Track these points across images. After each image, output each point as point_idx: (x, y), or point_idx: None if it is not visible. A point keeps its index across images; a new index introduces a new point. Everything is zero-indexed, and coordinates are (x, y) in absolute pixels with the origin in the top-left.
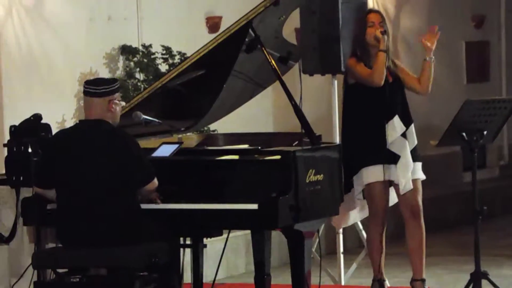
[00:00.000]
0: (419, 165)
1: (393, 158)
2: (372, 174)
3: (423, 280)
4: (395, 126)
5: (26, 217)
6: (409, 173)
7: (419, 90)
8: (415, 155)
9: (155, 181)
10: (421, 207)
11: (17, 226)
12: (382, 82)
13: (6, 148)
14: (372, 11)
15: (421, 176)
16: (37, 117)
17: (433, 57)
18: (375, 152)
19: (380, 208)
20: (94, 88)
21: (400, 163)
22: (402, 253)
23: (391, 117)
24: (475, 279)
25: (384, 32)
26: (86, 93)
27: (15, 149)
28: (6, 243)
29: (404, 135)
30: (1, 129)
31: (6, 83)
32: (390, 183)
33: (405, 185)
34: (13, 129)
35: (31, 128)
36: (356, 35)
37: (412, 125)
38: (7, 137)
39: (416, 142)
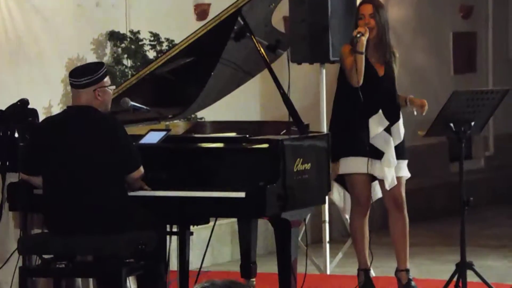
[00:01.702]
0: (404, 163)
1: (377, 154)
2: (353, 165)
3: (407, 270)
4: (378, 121)
5: (12, 203)
6: (393, 170)
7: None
8: (402, 152)
9: (141, 169)
10: (404, 199)
11: (2, 211)
12: (358, 84)
13: None
14: (364, 2)
15: (406, 174)
16: (24, 102)
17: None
18: (358, 143)
19: (363, 198)
20: (76, 80)
21: (384, 160)
22: (388, 243)
23: (375, 112)
24: (460, 269)
25: (362, 34)
26: (70, 84)
27: (1, 134)
28: None
29: (388, 131)
30: None
31: None
32: (373, 177)
33: (391, 181)
34: (0, 114)
35: (18, 113)
36: (354, 24)
37: (400, 121)
38: None
39: (402, 138)
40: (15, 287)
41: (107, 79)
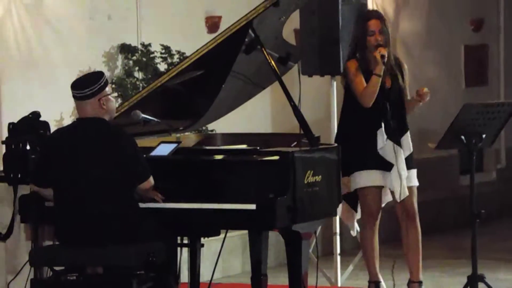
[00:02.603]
0: (414, 172)
1: (387, 166)
2: (366, 178)
3: (420, 282)
4: (383, 133)
5: (24, 215)
6: (404, 181)
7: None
8: (410, 162)
9: (151, 179)
10: (417, 210)
11: (14, 223)
12: (370, 105)
13: (4, 146)
14: (372, 17)
15: (416, 183)
16: (35, 115)
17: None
18: (370, 157)
19: (374, 212)
20: (80, 92)
21: (393, 171)
22: (398, 255)
23: (381, 125)
24: (472, 282)
25: (384, 57)
26: (74, 97)
27: (13, 147)
28: (3, 241)
29: (398, 142)
30: None
31: (5, 81)
32: (382, 187)
33: (401, 193)
34: (12, 127)
35: (30, 126)
36: (356, 38)
37: (408, 132)
38: (5, 134)
39: (411, 149)
40: None
41: (108, 88)
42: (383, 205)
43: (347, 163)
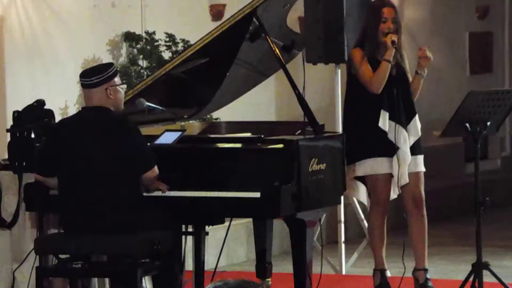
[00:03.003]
0: (421, 158)
1: (393, 150)
2: (376, 165)
3: (425, 270)
4: (385, 115)
5: (29, 203)
6: (406, 166)
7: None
8: (418, 148)
9: (155, 169)
10: (424, 198)
11: (19, 211)
12: (379, 91)
13: (9, 134)
14: (386, 5)
15: (422, 169)
16: (40, 103)
17: (424, 73)
18: (378, 143)
19: (383, 199)
20: (88, 79)
21: (398, 156)
22: (403, 243)
23: (387, 110)
24: (476, 269)
25: (394, 43)
26: (82, 85)
27: (18, 135)
28: (9, 228)
29: (406, 128)
30: (4, 114)
31: (10, 69)
32: (391, 175)
33: (401, 178)
34: (16, 115)
35: (34, 114)
36: (367, 26)
37: (416, 117)
38: (10, 122)
39: (420, 134)
40: (32, 287)
41: (117, 79)
42: (392, 197)
43: (355, 150)
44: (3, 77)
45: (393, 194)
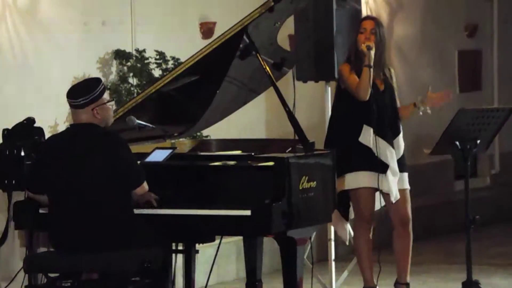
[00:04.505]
0: (406, 175)
1: (382, 168)
2: (360, 180)
3: (407, 284)
4: (368, 129)
5: (18, 221)
6: (396, 183)
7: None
8: (402, 165)
9: (145, 185)
10: (410, 217)
11: (8, 229)
12: (367, 97)
13: None
14: (367, 17)
15: (407, 186)
16: (30, 121)
17: (428, 110)
18: (363, 158)
19: (366, 213)
20: (74, 101)
21: (389, 173)
22: (394, 260)
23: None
24: (466, 287)
25: (370, 48)
26: (69, 104)
27: (7, 153)
28: None
29: (391, 144)
30: None
31: (0, 87)
32: (376, 190)
33: (395, 194)
34: (6, 133)
35: (24, 132)
36: (352, 41)
37: (400, 135)
38: None
39: (402, 152)
40: None
41: (105, 96)
42: (375, 209)
43: (340, 164)
44: None
45: (378, 204)
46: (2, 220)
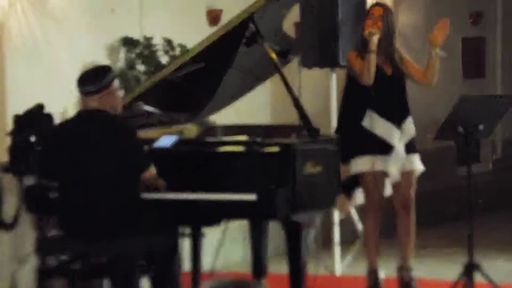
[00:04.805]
0: (415, 156)
1: (386, 149)
2: (366, 164)
3: (409, 269)
4: (371, 113)
5: (29, 205)
6: (399, 164)
7: (423, 82)
8: (412, 147)
9: (152, 170)
10: (413, 201)
11: (20, 213)
12: (371, 82)
13: (9, 137)
14: (376, 4)
15: (419, 167)
16: (39, 107)
17: (440, 51)
18: (370, 142)
19: (374, 198)
20: (83, 88)
21: (393, 154)
22: (396, 244)
23: (384, 110)
24: (467, 270)
25: (372, 34)
26: (78, 91)
27: (18, 139)
28: (9, 230)
29: (398, 127)
30: (5, 118)
31: (10, 74)
32: (385, 173)
33: (395, 176)
34: (17, 119)
35: (34, 118)
36: (360, 28)
37: (409, 118)
38: (10, 126)
39: (413, 134)
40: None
41: (115, 84)
42: (387, 194)
43: (346, 149)
44: (4, 81)
45: (389, 190)
46: (13, 204)
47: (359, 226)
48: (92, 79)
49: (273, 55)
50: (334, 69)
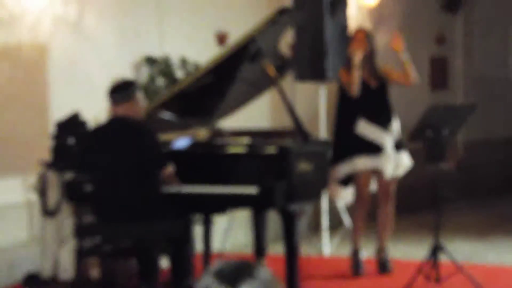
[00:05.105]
0: (404, 153)
1: (378, 149)
2: (358, 164)
3: (385, 252)
4: (362, 121)
5: (68, 196)
6: (391, 163)
7: (408, 83)
8: (399, 144)
9: (170, 167)
10: (393, 195)
11: (61, 203)
12: (356, 93)
13: (52, 140)
14: (359, 30)
15: (407, 163)
16: (76, 115)
17: (405, 55)
18: (360, 145)
19: (365, 192)
20: (112, 98)
21: (384, 154)
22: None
23: (367, 117)
24: (434, 251)
25: (356, 52)
26: (109, 100)
27: (59, 141)
28: (53, 217)
29: (386, 129)
30: (48, 124)
31: (53, 87)
32: (373, 171)
33: (390, 172)
34: (58, 125)
35: (72, 124)
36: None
37: (395, 120)
38: (53, 131)
39: (399, 135)
40: (71, 265)
41: (138, 95)
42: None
43: (341, 151)
44: (47, 93)
45: (374, 186)
46: (56, 195)
47: (344, 216)
48: (120, 91)
49: (272, 70)
50: (323, 82)
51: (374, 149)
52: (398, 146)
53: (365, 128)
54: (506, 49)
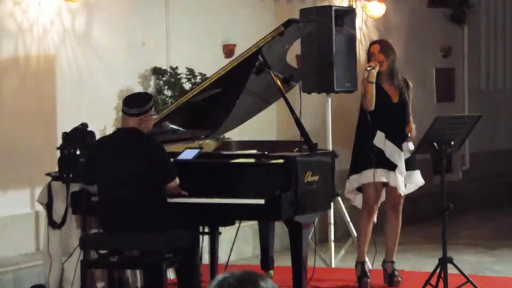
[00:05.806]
0: (416, 172)
1: (392, 165)
2: (369, 176)
3: (393, 262)
4: (381, 135)
5: (75, 207)
6: (403, 180)
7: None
8: (413, 163)
9: (177, 180)
10: (401, 206)
11: (67, 214)
12: (371, 108)
13: (59, 151)
14: (372, 42)
15: (421, 181)
16: (84, 126)
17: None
18: (377, 157)
19: (371, 202)
20: (128, 110)
21: (397, 171)
22: (383, 241)
23: (384, 131)
24: (442, 263)
25: (371, 67)
26: (122, 110)
27: (66, 152)
28: (58, 228)
29: (400, 147)
30: (55, 135)
31: (60, 98)
32: (384, 184)
33: (402, 188)
34: (65, 135)
35: (79, 135)
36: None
37: (407, 140)
38: (60, 141)
39: (410, 154)
40: (77, 276)
41: (152, 111)
42: (379, 202)
43: (359, 162)
44: (54, 104)
45: (383, 197)
46: (62, 206)
47: (351, 226)
48: (137, 104)
49: (278, 82)
50: (330, 94)
51: (390, 164)
52: (410, 166)
53: (382, 143)
54: None
